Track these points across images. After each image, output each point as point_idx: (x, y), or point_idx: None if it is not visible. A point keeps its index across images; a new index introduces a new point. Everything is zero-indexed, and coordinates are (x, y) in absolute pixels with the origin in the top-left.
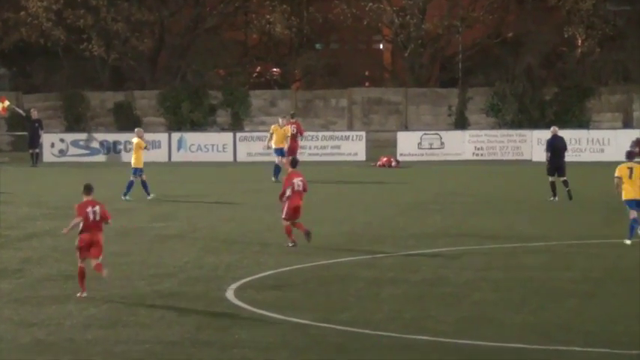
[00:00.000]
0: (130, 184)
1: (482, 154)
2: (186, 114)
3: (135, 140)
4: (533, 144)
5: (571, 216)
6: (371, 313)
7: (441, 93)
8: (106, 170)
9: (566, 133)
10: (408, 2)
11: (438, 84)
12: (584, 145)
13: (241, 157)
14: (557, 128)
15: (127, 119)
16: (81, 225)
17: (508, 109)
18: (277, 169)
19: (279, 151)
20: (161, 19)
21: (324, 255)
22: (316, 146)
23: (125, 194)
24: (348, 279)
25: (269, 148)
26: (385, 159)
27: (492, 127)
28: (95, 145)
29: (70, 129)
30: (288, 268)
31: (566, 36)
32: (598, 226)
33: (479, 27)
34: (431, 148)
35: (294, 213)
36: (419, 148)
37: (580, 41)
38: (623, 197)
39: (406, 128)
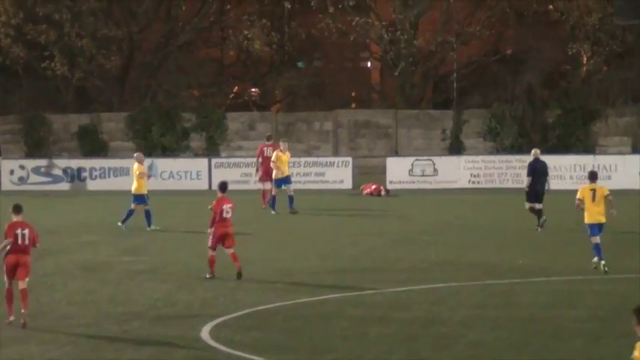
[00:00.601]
0: (148, 214)
1: (479, 182)
2: (157, 138)
3: (135, 166)
4: None
5: (574, 249)
6: (358, 354)
7: (434, 115)
8: (69, 200)
9: (570, 159)
10: (399, 17)
11: (430, 105)
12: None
13: (217, 185)
14: (538, 151)
15: (92, 144)
16: (8, 247)
17: (507, 132)
18: (289, 199)
19: (287, 180)
20: (130, 34)
21: (308, 292)
22: (299, 173)
23: (149, 225)
24: (334, 318)
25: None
26: (374, 187)
27: (490, 153)
28: (58, 172)
29: (30, 155)
30: (268, 306)
31: (570, 53)
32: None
33: (475, 43)
34: (423, 175)
35: (220, 241)
36: (410, 175)
37: (585, 59)
38: (586, 220)
39: (396, 153)
